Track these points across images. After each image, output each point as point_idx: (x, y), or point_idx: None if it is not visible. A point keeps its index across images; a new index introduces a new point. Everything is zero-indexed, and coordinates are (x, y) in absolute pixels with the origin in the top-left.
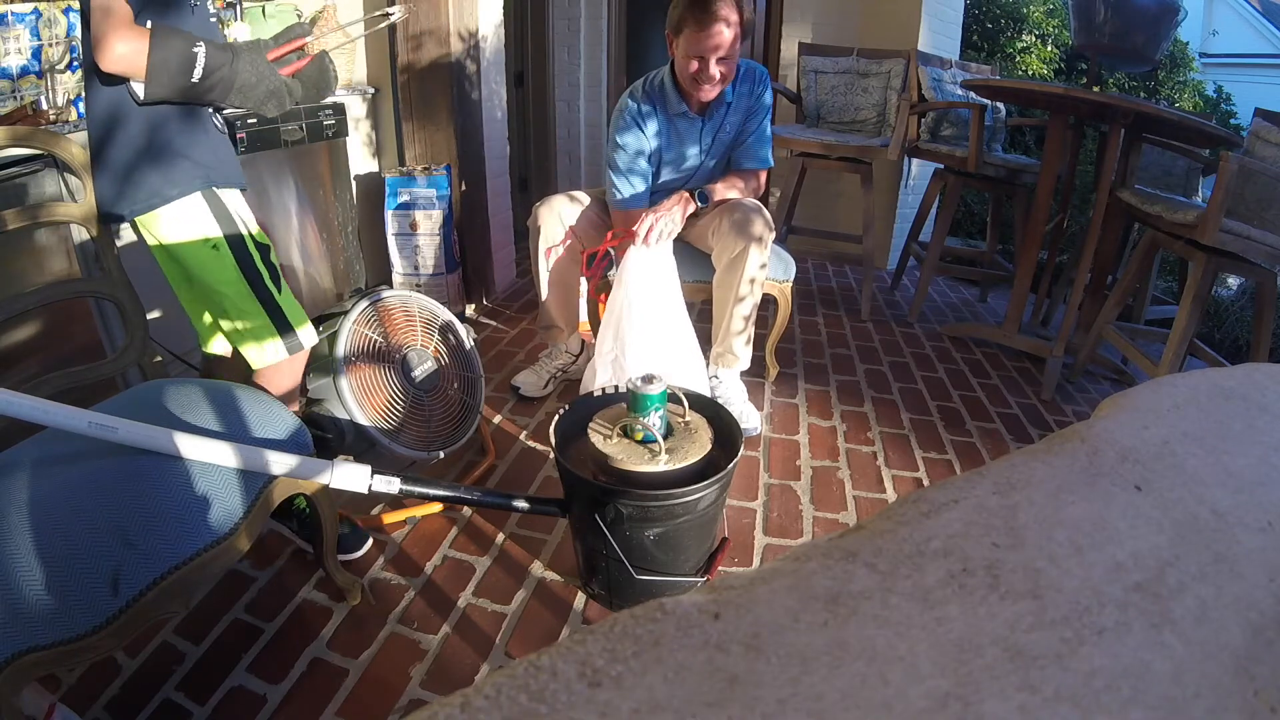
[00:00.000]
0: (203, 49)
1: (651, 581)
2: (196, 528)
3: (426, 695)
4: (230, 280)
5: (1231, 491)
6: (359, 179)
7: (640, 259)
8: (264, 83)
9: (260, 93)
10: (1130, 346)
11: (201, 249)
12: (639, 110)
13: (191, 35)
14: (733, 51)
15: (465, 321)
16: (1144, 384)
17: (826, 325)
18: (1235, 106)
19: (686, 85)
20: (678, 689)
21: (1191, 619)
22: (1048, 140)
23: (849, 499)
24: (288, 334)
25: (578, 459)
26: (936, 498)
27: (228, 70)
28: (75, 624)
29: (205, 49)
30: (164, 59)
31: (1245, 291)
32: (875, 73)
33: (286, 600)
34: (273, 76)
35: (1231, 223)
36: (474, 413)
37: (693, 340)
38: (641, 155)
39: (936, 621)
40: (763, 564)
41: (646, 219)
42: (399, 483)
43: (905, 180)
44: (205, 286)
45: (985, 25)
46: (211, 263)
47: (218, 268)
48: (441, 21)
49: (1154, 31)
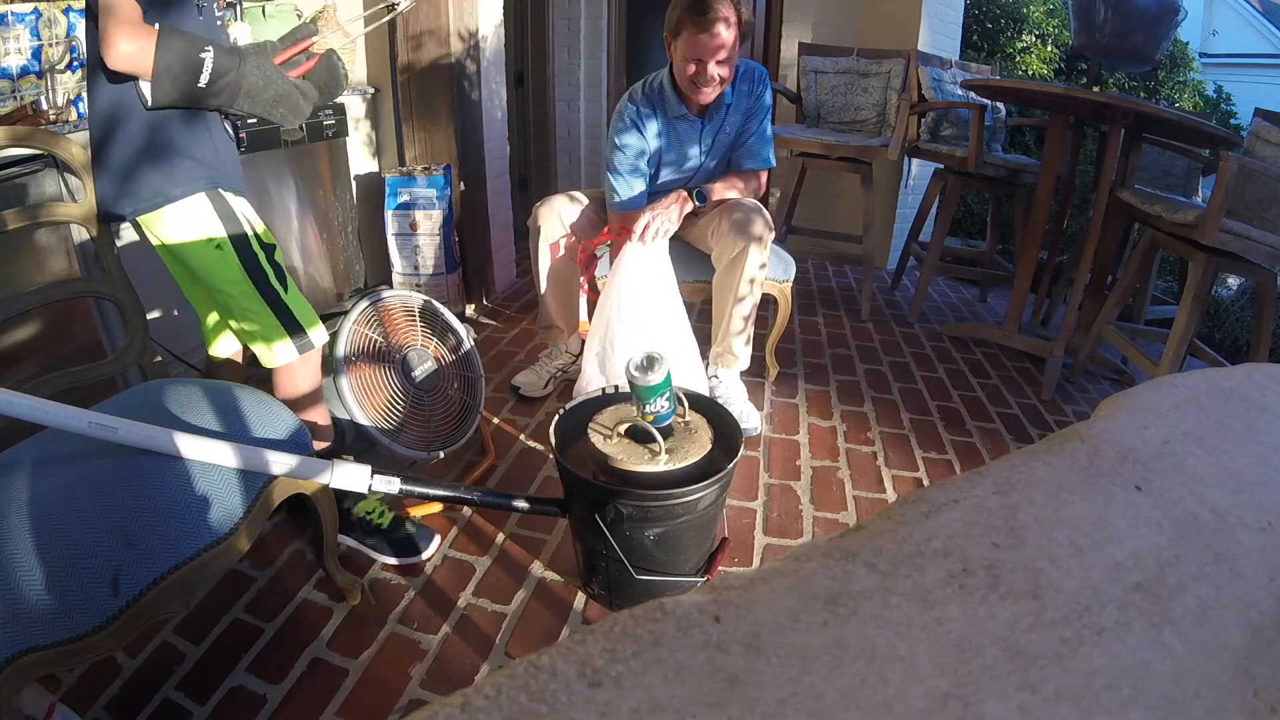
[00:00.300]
0: (211, 53)
1: (651, 581)
2: (196, 528)
3: (426, 695)
4: (235, 280)
5: (1231, 491)
6: (359, 179)
7: (635, 257)
8: (271, 86)
9: (268, 96)
10: (1130, 346)
11: (205, 249)
12: (638, 113)
13: (200, 38)
14: (732, 53)
15: (465, 321)
16: (1144, 384)
17: (826, 325)
18: (1235, 106)
19: (685, 88)
20: (678, 689)
21: (1191, 619)
22: (1048, 140)
23: (849, 499)
24: (297, 334)
25: (578, 459)
26: (936, 498)
27: (234, 75)
28: (75, 624)
29: (213, 52)
30: (170, 61)
31: (1245, 291)
32: (875, 73)
33: (286, 600)
34: (280, 80)
35: (1231, 223)
36: (474, 413)
37: (690, 340)
38: (642, 157)
39: (936, 621)
40: (763, 564)
41: (644, 217)
42: (399, 483)
43: (905, 180)
44: (210, 287)
45: (985, 25)
46: (216, 263)
47: (222, 268)
48: (441, 21)
49: (1154, 31)
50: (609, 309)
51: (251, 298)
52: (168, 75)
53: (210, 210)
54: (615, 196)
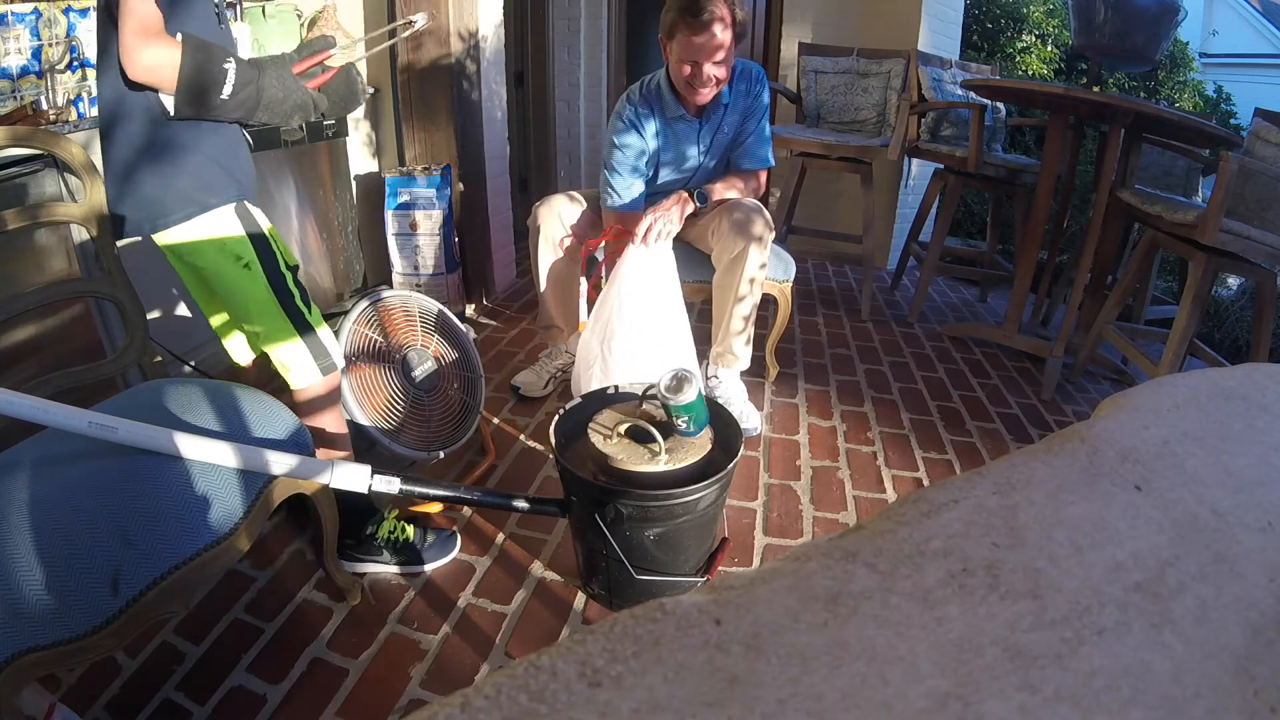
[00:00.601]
0: (232, 65)
1: (651, 581)
2: (196, 528)
3: (426, 695)
4: (261, 299)
5: (1231, 491)
6: (359, 179)
7: (638, 259)
8: (291, 97)
9: (287, 107)
10: (1130, 346)
11: (232, 267)
12: (636, 113)
13: (220, 49)
14: (728, 54)
15: (465, 321)
16: (1144, 384)
17: (826, 325)
18: (1235, 106)
19: (682, 89)
20: (678, 689)
21: (1191, 619)
22: (1048, 140)
23: (849, 499)
24: (321, 356)
25: (578, 459)
26: (936, 498)
27: (254, 88)
28: (75, 624)
29: (235, 65)
30: (193, 75)
31: (1245, 291)
32: (875, 73)
33: (286, 600)
34: (299, 91)
35: (1231, 223)
36: (474, 413)
37: (689, 343)
38: (642, 158)
39: (936, 621)
40: (763, 564)
41: (646, 218)
42: (399, 483)
43: (905, 180)
44: (234, 305)
45: (985, 25)
46: (243, 281)
47: (249, 285)
48: (441, 21)
49: (1154, 31)
50: (609, 309)
51: (278, 317)
52: (190, 89)
53: (238, 224)
54: (613, 197)
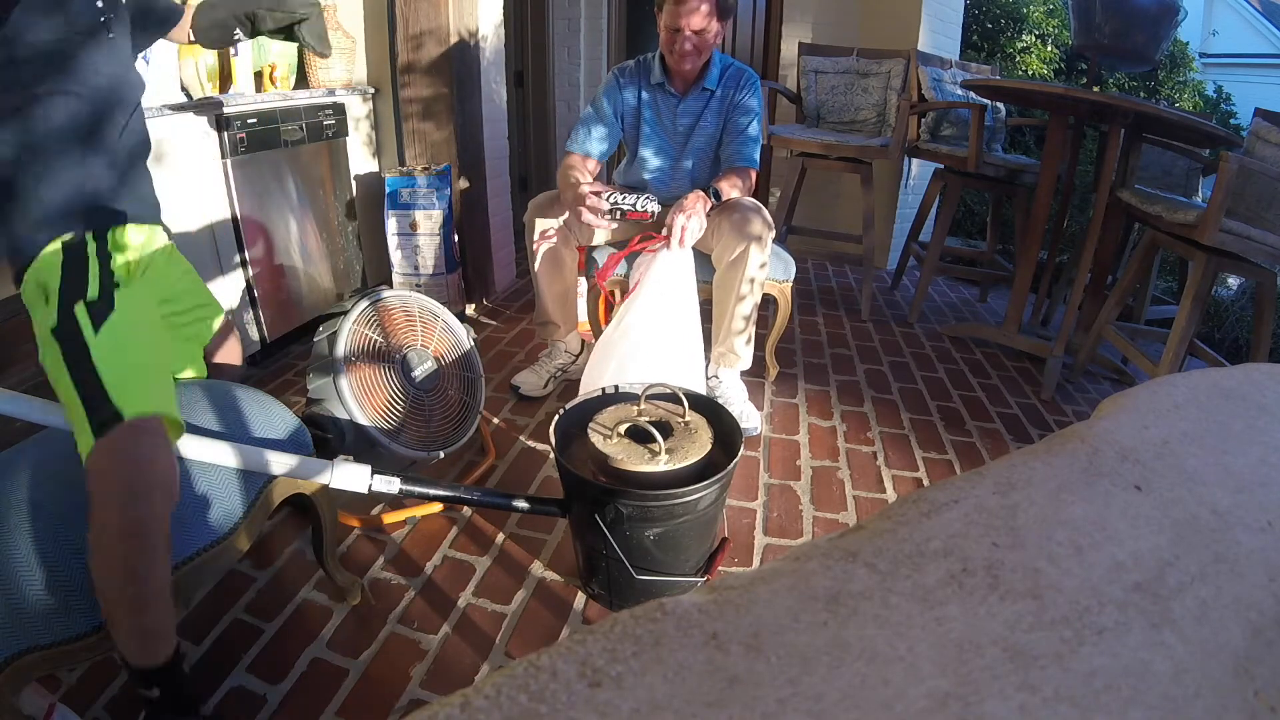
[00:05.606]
0: None
1: (651, 581)
2: (196, 528)
3: (426, 695)
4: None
5: (1231, 491)
6: (359, 179)
7: (670, 262)
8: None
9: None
10: (1130, 346)
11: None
12: (618, 81)
13: None
14: (708, 24)
15: (465, 321)
16: (1144, 384)
17: (826, 325)
18: (1235, 106)
19: (668, 57)
20: (678, 689)
21: (1191, 619)
22: (1048, 140)
23: (849, 499)
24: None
25: (578, 459)
26: (936, 498)
27: None
28: (75, 624)
29: None
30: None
31: (1245, 291)
32: (875, 73)
33: (286, 600)
34: None
35: (1231, 223)
36: (474, 413)
37: (699, 344)
38: (617, 122)
39: (936, 621)
40: (763, 564)
41: (678, 219)
42: (399, 483)
43: (905, 180)
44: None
45: (985, 25)
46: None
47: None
48: (441, 21)
49: (1154, 31)
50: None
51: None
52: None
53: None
54: (578, 142)
